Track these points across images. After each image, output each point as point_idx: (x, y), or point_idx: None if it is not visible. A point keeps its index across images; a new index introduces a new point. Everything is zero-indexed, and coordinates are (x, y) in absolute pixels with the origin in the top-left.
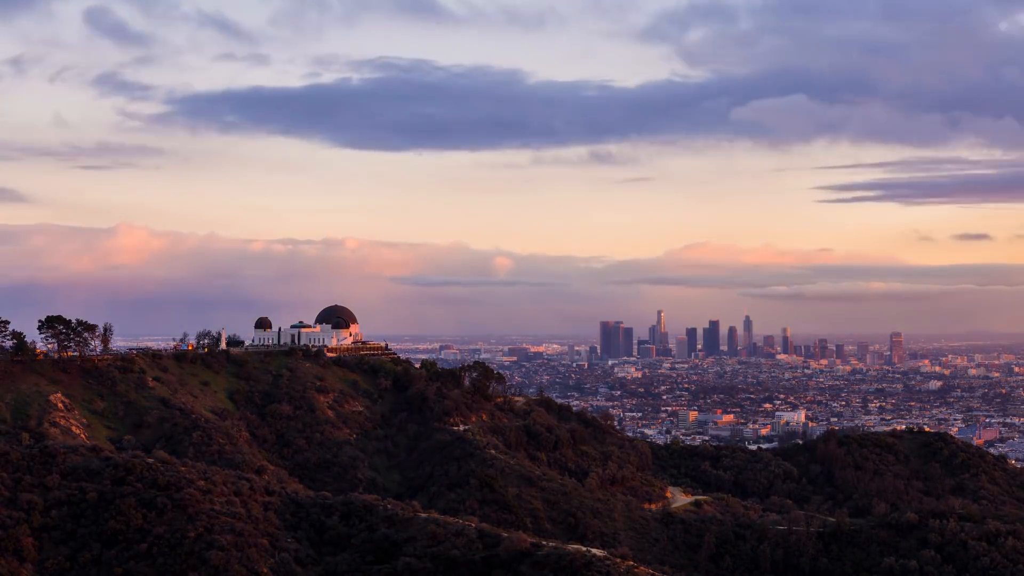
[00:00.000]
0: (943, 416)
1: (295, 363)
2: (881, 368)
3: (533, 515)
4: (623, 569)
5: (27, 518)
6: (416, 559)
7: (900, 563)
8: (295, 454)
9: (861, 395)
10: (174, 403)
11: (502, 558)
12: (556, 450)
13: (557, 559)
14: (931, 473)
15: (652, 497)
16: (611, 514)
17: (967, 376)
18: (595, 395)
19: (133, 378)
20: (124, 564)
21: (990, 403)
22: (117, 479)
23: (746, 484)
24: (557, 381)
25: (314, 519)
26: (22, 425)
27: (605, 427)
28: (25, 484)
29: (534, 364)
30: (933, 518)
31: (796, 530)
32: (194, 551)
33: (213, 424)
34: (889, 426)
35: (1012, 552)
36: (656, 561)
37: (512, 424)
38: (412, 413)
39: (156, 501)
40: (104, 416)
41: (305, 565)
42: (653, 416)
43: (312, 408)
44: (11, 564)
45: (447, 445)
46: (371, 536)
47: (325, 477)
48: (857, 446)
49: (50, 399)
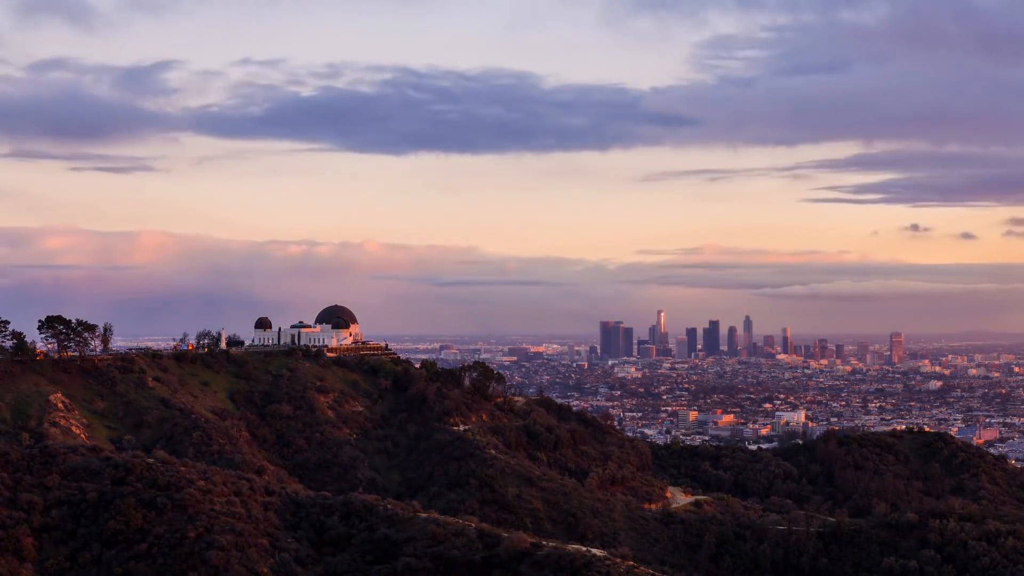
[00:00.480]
0: (943, 416)
1: (295, 363)
2: (881, 368)
3: (533, 515)
4: (623, 569)
5: (27, 518)
6: (416, 559)
7: (900, 563)
8: (295, 454)
9: (861, 395)
10: (174, 403)
11: (502, 558)
12: (556, 450)
13: (557, 559)
14: (931, 473)
15: (652, 497)
16: (611, 514)
17: (967, 376)
18: (595, 395)
19: (133, 378)
20: (124, 564)
21: (990, 403)
22: (117, 479)
23: (746, 484)
24: (557, 381)
25: (314, 519)
26: (22, 425)
27: (605, 427)
28: (25, 484)
29: (534, 364)
30: (933, 518)
31: (796, 530)
32: (194, 551)
33: (213, 424)
34: (889, 426)
35: (1012, 552)
36: (656, 561)
37: (512, 424)
38: (412, 413)
39: (156, 501)
40: (104, 416)
41: (305, 565)
42: (653, 416)
43: (312, 408)
44: (11, 564)
45: (447, 445)
46: (371, 536)
47: (325, 477)
48: (857, 446)
49: (50, 399)
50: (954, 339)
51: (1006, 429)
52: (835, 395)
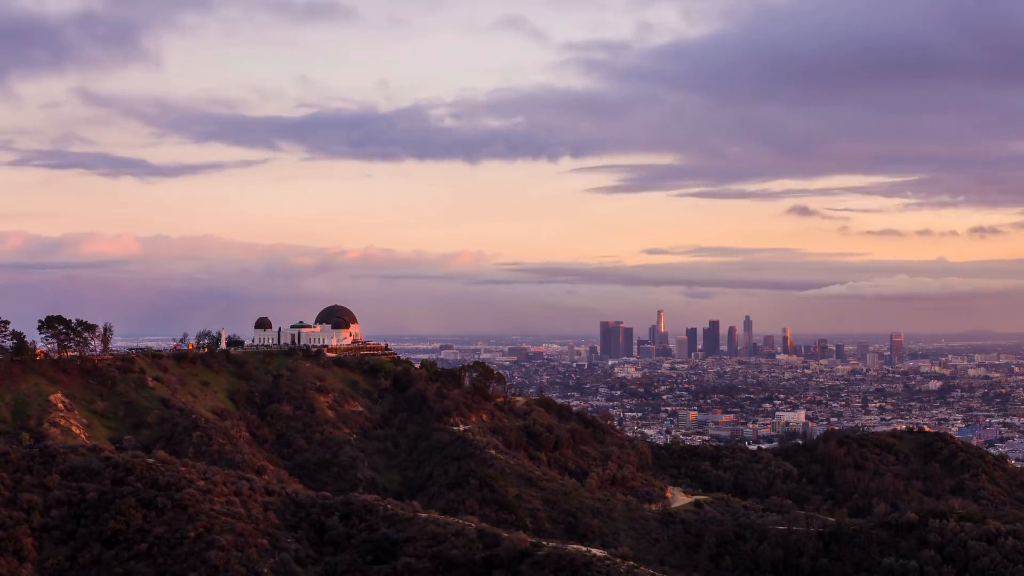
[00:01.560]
0: (943, 416)
1: (295, 363)
2: (881, 368)
3: (533, 515)
4: (623, 569)
5: (27, 518)
6: (416, 559)
7: (900, 563)
8: (295, 454)
9: (861, 395)
10: (174, 403)
11: (502, 558)
12: (556, 450)
13: (557, 559)
14: (931, 473)
15: (652, 497)
16: (611, 514)
17: (967, 376)
18: (595, 395)
19: (133, 378)
20: (124, 564)
21: (990, 403)
22: (117, 479)
23: (746, 484)
24: (557, 381)
25: (314, 519)
26: (22, 425)
27: (605, 427)
28: (25, 484)
29: (534, 364)
30: (933, 518)
31: (796, 530)
32: (194, 551)
33: (213, 424)
34: (889, 426)
35: (1012, 552)
36: (656, 561)
37: (512, 424)
38: (412, 413)
39: (156, 501)
40: (104, 416)
41: (305, 565)
42: (653, 416)
43: (312, 408)
44: (11, 564)
45: (447, 445)
46: (371, 536)
47: (325, 477)
48: (857, 446)
49: (50, 399)
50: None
51: (1006, 429)
52: (835, 395)
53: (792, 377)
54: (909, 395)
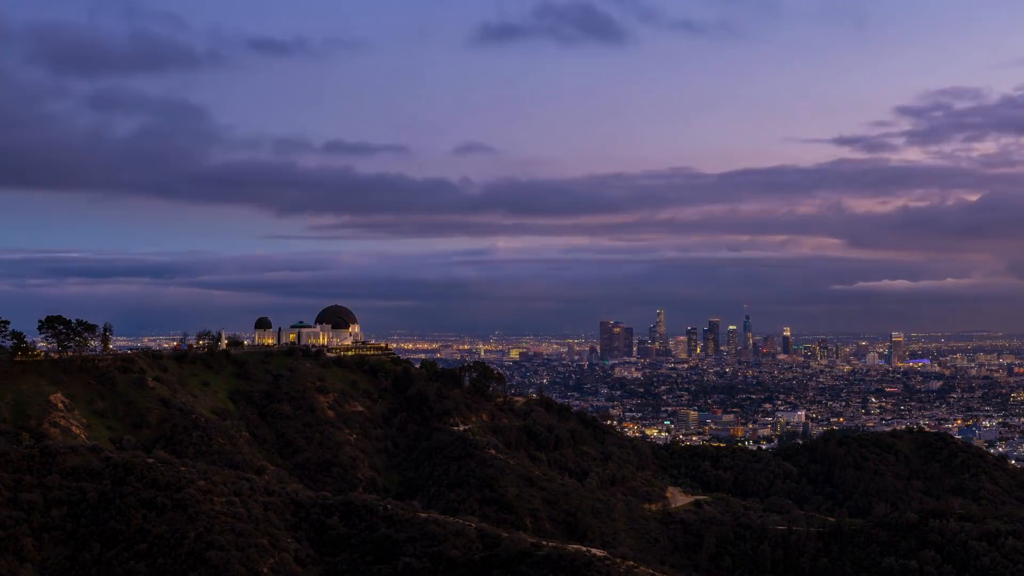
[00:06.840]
0: (943, 416)
1: (295, 363)
2: (881, 368)
3: (533, 515)
4: (623, 569)
5: (27, 518)
6: (416, 559)
7: (900, 563)
8: (295, 454)
9: (861, 395)
10: (174, 403)
11: (502, 558)
12: (556, 450)
13: (557, 559)
14: (931, 473)
15: (652, 497)
16: (611, 514)
17: (967, 376)
18: (595, 395)
19: (133, 378)
20: (124, 564)
21: (990, 403)
22: (117, 479)
23: (746, 484)
24: (557, 381)
25: (314, 519)
26: (22, 425)
27: (605, 427)
28: (25, 484)
29: (534, 364)
30: (933, 518)
31: (796, 530)
32: (194, 551)
33: (213, 424)
34: (889, 426)
35: (1012, 552)
36: (656, 561)
37: (512, 424)
38: (412, 413)
39: (156, 501)
40: (104, 416)
41: (305, 565)
42: (653, 416)
43: (312, 408)
44: (11, 564)
45: (447, 445)
46: (371, 536)
47: (325, 477)
48: (857, 446)
49: (50, 399)
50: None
51: (1006, 429)
52: (835, 395)
53: (792, 377)
54: (909, 395)
